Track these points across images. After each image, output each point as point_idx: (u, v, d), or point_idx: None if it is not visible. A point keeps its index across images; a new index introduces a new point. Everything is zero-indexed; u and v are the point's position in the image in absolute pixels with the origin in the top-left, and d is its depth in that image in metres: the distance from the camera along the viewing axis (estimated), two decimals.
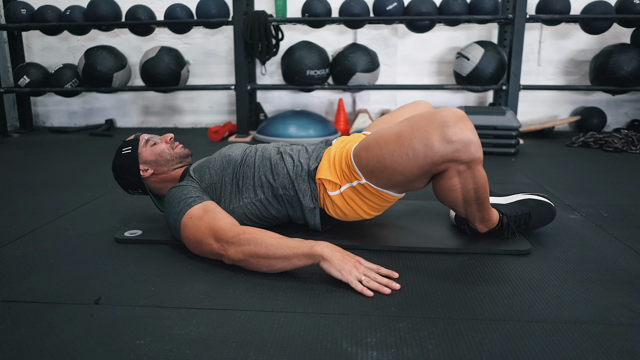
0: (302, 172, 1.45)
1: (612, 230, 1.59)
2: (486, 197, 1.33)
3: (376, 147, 1.28)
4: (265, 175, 1.47)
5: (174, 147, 1.61)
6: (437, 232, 1.55)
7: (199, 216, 1.35)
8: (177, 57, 3.67)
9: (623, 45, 3.45)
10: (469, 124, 1.21)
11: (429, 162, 1.21)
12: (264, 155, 1.51)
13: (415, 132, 1.21)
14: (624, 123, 3.94)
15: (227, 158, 1.54)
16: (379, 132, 1.31)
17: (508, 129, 2.86)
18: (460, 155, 1.19)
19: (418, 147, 1.20)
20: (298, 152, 1.52)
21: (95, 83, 3.65)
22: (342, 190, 1.40)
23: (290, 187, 1.46)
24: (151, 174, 1.57)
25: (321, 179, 1.42)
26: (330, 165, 1.42)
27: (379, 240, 1.48)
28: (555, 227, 1.62)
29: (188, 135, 3.84)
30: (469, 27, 3.88)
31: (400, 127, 1.26)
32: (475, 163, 1.22)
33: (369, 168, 1.32)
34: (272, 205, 1.48)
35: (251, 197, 1.48)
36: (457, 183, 1.26)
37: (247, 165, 1.50)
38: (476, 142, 1.20)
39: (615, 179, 2.31)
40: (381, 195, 1.38)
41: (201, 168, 1.55)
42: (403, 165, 1.24)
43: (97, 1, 3.57)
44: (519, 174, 2.45)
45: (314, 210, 1.46)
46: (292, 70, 3.51)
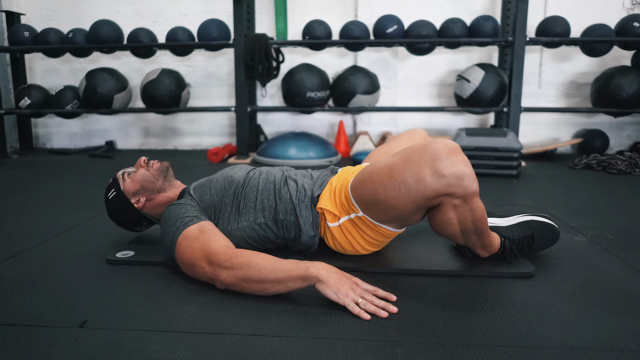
0: (305, 198, 1.42)
1: (618, 253, 1.54)
2: (485, 227, 1.29)
3: (370, 181, 1.26)
4: (267, 198, 1.44)
5: (152, 165, 1.59)
6: (437, 254, 1.50)
7: (194, 237, 1.31)
8: (177, 79, 3.68)
9: (624, 67, 3.45)
10: (462, 157, 1.17)
11: (422, 196, 1.17)
12: (268, 179, 1.49)
13: (407, 166, 1.18)
14: (627, 145, 3.91)
15: (229, 179, 1.51)
16: (373, 165, 1.28)
17: (509, 151, 2.83)
18: (453, 190, 1.15)
19: (410, 182, 1.17)
20: (303, 178, 1.50)
21: (96, 105, 3.65)
22: (341, 223, 1.38)
23: (291, 213, 1.42)
24: (145, 201, 1.55)
25: (322, 208, 1.39)
26: (331, 195, 1.40)
27: (377, 262, 1.44)
28: (559, 249, 1.57)
29: (188, 157, 3.82)
30: (469, 49, 3.89)
31: (392, 160, 1.23)
32: (470, 197, 1.18)
33: (364, 201, 1.29)
34: (270, 230, 1.45)
35: (250, 220, 1.44)
36: (453, 217, 1.22)
37: (250, 187, 1.47)
38: (469, 175, 1.15)
39: (620, 201, 2.27)
40: (378, 230, 1.36)
41: (202, 187, 1.52)
42: (396, 199, 1.21)
43: (99, 24, 3.60)
44: (521, 195, 2.41)
45: (313, 238, 1.43)
46: (292, 92, 3.51)
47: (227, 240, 1.32)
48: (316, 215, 1.41)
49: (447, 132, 3.99)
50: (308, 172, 1.54)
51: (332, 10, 3.91)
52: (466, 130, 2.95)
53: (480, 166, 2.86)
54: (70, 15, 4.12)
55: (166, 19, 4.05)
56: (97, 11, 4.08)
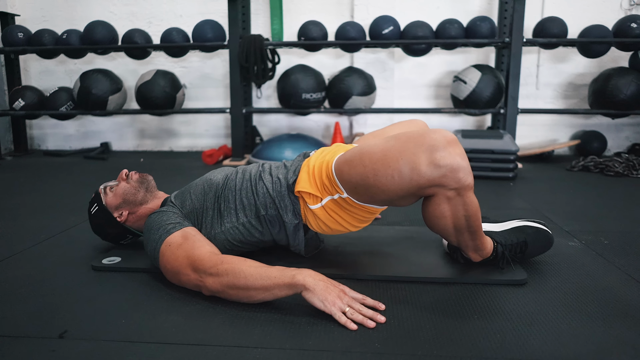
0: (282, 188, 1.38)
1: (612, 259, 1.52)
2: (478, 225, 1.26)
3: (360, 164, 1.21)
4: (246, 197, 1.41)
5: (131, 177, 1.56)
6: (429, 260, 1.48)
7: (178, 244, 1.29)
8: (172, 80, 3.65)
9: (622, 69, 3.42)
10: (459, 149, 1.15)
11: (415, 185, 1.15)
12: (244, 177, 1.46)
13: (403, 154, 1.15)
14: (625, 147, 3.89)
15: (208, 182, 1.48)
16: (365, 148, 1.24)
17: (506, 153, 2.80)
18: (447, 181, 1.13)
19: (404, 170, 1.14)
20: (277, 169, 1.45)
21: (90, 106, 3.63)
22: (324, 203, 1.32)
23: (271, 206, 1.39)
24: (128, 214, 1.53)
25: (300, 191, 1.34)
26: (309, 177, 1.34)
27: (366, 268, 1.41)
28: (553, 255, 1.54)
29: (184, 159, 3.80)
30: (466, 50, 3.86)
31: (387, 145, 1.20)
32: (464, 190, 1.16)
33: (351, 184, 1.25)
34: (255, 228, 1.42)
35: (233, 221, 1.41)
36: (446, 210, 1.20)
37: (229, 188, 1.45)
38: (465, 168, 1.14)
39: (616, 204, 2.24)
40: (364, 209, 1.32)
41: (182, 194, 1.50)
42: (387, 186, 1.18)
43: (93, 25, 3.57)
44: (517, 198, 2.38)
45: (297, 228, 1.39)
46: (287, 93, 3.48)
47: (211, 246, 1.30)
48: (296, 203, 1.37)
49: None
50: (282, 163, 1.50)
51: (329, 11, 3.88)
52: (462, 132, 2.93)
53: (476, 168, 2.83)
54: (65, 16, 4.10)
55: (161, 19, 4.02)
56: (92, 12, 4.05)
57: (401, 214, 2.05)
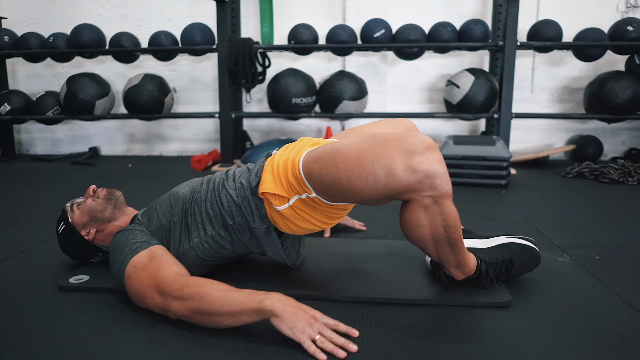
0: (246, 192, 1.30)
1: (603, 277, 1.45)
2: (458, 238, 1.20)
3: (332, 165, 1.14)
4: (211, 207, 1.34)
5: (98, 194, 1.50)
6: (410, 279, 1.41)
7: (143, 265, 1.22)
8: (160, 84, 3.59)
9: (617, 72, 3.36)
10: (438, 155, 1.09)
11: (390, 189, 1.08)
12: (209, 187, 1.39)
13: (378, 156, 1.09)
14: (622, 152, 3.82)
15: (175, 197, 1.42)
16: (338, 148, 1.16)
17: (498, 160, 2.74)
18: (423, 188, 1.07)
19: (379, 173, 1.08)
20: (241, 174, 1.37)
21: (77, 111, 3.57)
22: (292, 203, 1.24)
23: (237, 214, 1.31)
24: (95, 232, 1.46)
25: (265, 193, 1.25)
26: (274, 176, 1.25)
27: (343, 289, 1.34)
28: (541, 272, 1.48)
29: (173, 163, 3.74)
30: (460, 54, 3.80)
31: (362, 146, 1.12)
32: (442, 198, 1.10)
33: (321, 185, 1.17)
34: (224, 239, 1.35)
35: (201, 235, 1.35)
36: (423, 219, 1.14)
37: (195, 201, 1.38)
38: (443, 175, 1.08)
39: (610, 214, 2.18)
40: (335, 207, 1.25)
41: (149, 210, 1.43)
42: (361, 189, 1.11)
43: (80, 28, 3.51)
44: (509, 208, 2.32)
45: (268, 233, 1.32)
46: (277, 98, 3.42)
47: (179, 267, 1.23)
48: (261, 206, 1.29)
49: (438, 138, 3.90)
50: (246, 166, 1.42)
51: (320, 14, 3.82)
52: (454, 138, 2.87)
53: (468, 175, 2.77)
54: (53, 19, 4.04)
55: (150, 22, 3.96)
56: (80, 15, 3.99)
57: (387, 227, 1.99)
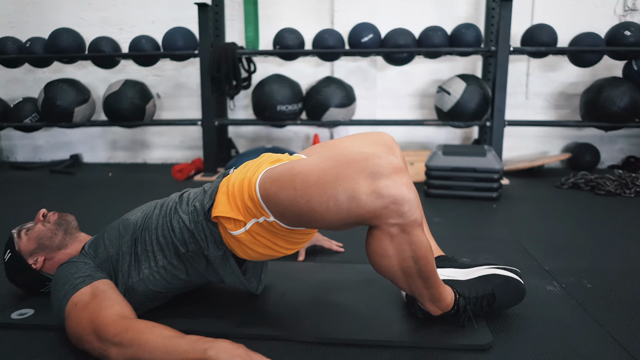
0: (199, 216, 1.18)
1: (594, 312, 1.33)
2: (431, 271, 1.08)
3: (290, 187, 1.02)
4: (163, 235, 1.22)
5: (49, 219, 1.37)
6: (383, 314, 1.29)
7: (84, 304, 1.11)
8: (142, 90, 3.47)
9: (614, 79, 3.23)
10: (407, 179, 0.98)
11: (353, 215, 0.97)
12: (161, 212, 1.26)
13: (340, 179, 0.98)
14: (619, 159, 3.70)
15: (124, 223, 1.29)
16: (297, 167, 1.05)
17: (489, 172, 2.62)
18: (389, 214, 0.96)
19: (341, 198, 0.97)
20: (195, 196, 1.25)
21: (55, 118, 3.45)
22: (248, 228, 1.11)
23: (190, 241, 1.19)
24: (43, 261, 1.33)
25: (218, 217, 1.13)
26: (229, 198, 1.13)
27: (308, 327, 1.22)
28: (528, 304, 1.36)
29: (156, 172, 3.62)
30: (452, 59, 3.68)
31: (323, 167, 1.01)
32: (410, 226, 0.99)
33: (279, 208, 1.05)
34: (178, 269, 1.23)
35: (152, 266, 1.22)
36: (390, 249, 1.02)
37: (147, 228, 1.25)
38: (412, 201, 0.97)
39: (605, 232, 2.05)
40: (296, 232, 1.13)
41: (97, 240, 1.30)
42: (321, 214, 1.00)
43: (58, 33, 3.39)
44: (498, 225, 2.19)
45: (225, 260, 1.20)
46: (262, 105, 3.30)
47: (122, 306, 1.12)
48: (215, 231, 1.16)
49: (429, 146, 3.78)
50: (202, 187, 1.29)
51: (308, 17, 3.70)
52: (443, 148, 2.74)
53: (457, 188, 2.65)
54: (33, 22, 3.92)
55: (133, 26, 3.84)
56: (61, 18, 3.87)
57: None
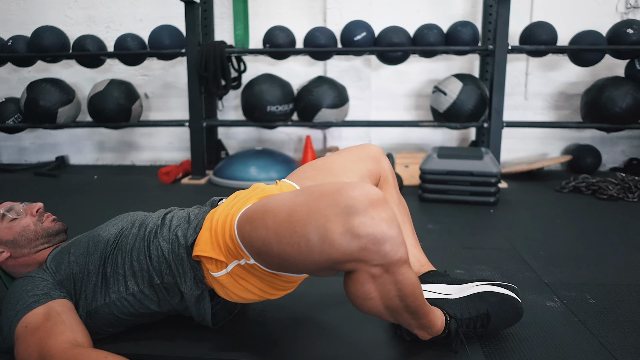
0: (180, 249, 1.09)
1: (598, 331, 1.22)
2: (420, 304, 0.97)
3: (262, 226, 0.92)
4: (137, 260, 1.11)
5: (43, 220, 1.24)
6: (368, 335, 1.18)
7: (35, 327, 1.00)
8: (128, 90, 3.35)
9: (616, 78, 3.12)
10: (386, 212, 0.85)
11: (327, 259, 0.85)
12: (139, 234, 1.16)
13: (311, 216, 0.85)
14: (621, 162, 3.59)
15: (95, 239, 1.17)
16: (269, 203, 0.94)
17: (486, 175, 2.51)
18: (369, 256, 0.83)
19: (313, 239, 0.84)
20: (179, 223, 1.15)
21: (38, 119, 3.33)
22: (230, 270, 1.02)
23: (167, 272, 1.09)
24: (7, 257, 1.19)
25: (200, 256, 1.04)
26: (211, 235, 1.04)
27: (283, 350, 1.11)
28: (526, 323, 1.25)
29: (144, 175, 3.50)
30: (448, 58, 3.57)
31: (295, 202, 0.90)
32: (394, 266, 0.86)
33: (254, 249, 0.95)
34: (149, 299, 1.12)
35: (121, 291, 1.12)
36: (372, 291, 0.90)
37: (120, 248, 1.14)
38: (394, 238, 0.84)
39: (608, 240, 1.94)
40: (279, 277, 1.03)
41: (61, 253, 1.18)
42: (294, 256, 0.88)
43: (41, 30, 3.27)
44: (495, 232, 2.08)
45: (200, 299, 1.10)
46: (252, 105, 3.18)
47: (76, 332, 1.00)
48: (197, 269, 1.07)
49: (425, 148, 3.67)
50: (187, 213, 1.19)
51: (300, 15, 3.59)
52: (438, 150, 2.63)
53: (453, 192, 2.54)
54: (17, 20, 3.80)
55: (120, 24, 3.72)
56: (46, 16, 3.75)
57: None
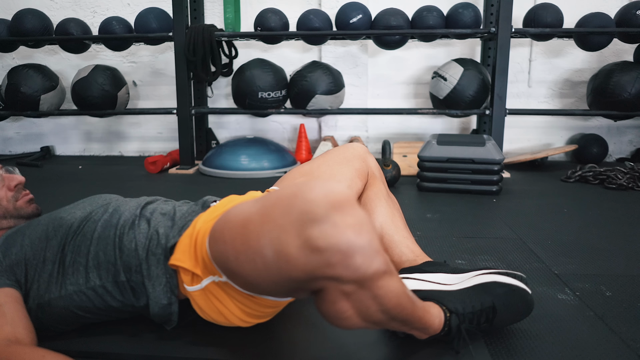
0: (158, 248, 0.96)
1: (618, 327, 1.08)
2: (409, 313, 0.81)
3: (220, 239, 0.79)
4: (104, 250, 0.98)
5: (19, 198, 1.12)
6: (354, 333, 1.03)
7: None
8: (113, 77, 3.21)
9: (625, 63, 2.98)
10: (353, 215, 0.67)
11: (286, 278, 0.69)
12: (111, 221, 1.02)
13: (265, 227, 0.70)
14: (628, 152, 3.45)
15: (57, 222, 1.03)
16: (230, 212, 0.81)
17: (489, 163, 2.36)
18: (337, 272, 0.66)
19: (267, 254, 0.69)
20: (161, 217, 1.02)
21: (20, 106, 3.18)
22: (204, 286, 0.91)
23: (136, 270, 0.96)
24: None
25: (175, 264, 0.93)
26: (191, 243, 0.93)
27: (257, 347, 0.97)
28: (536, 318, 1.11)
29: (130, 165, 3.36)
30: (448, 43, 3.42)
31: (250, 211, 0.76)
32: (370, 281, 0.69)
33: (220, 265, 0.83)
34: (111, 296, 0.98)
35: (80, 283, 0.97)
36: (347, 309, 0.72)
37: (84, 234, 1.00)
38: (364, 248, 0.66)
39: (621, 230, 1.80)
40: (254, 300, 0.90)
41: (14, 235, 1.04)
42: (253, 275, 0.74)
43: (22, 14, 3.13)
44: (498, 221, 1.94)
45: (168, 308, 0.97)
46: (242, 92, 3.04)
47: (16, 327, 0.87)
48: (172, 276, 0.95)
49: (424, 137, 3.52)
50: (172, 207, 1.07)
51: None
52: (438, 137, 2.49)
53: (453, 180, 2.40)
54: (0, 4, 3.65)
55: (107, 8, 3.57)
56: (30, 0, 3.60)
57: None
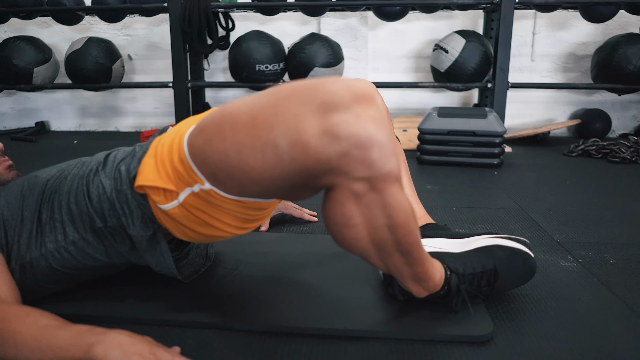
0: (123, 184, 0.89)
1: (622, 292, 1.05)
2: (413, 243, 0.78)
3: (217, 136, 0.74)
4: (76, 202, 0.93)
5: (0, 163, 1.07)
6: (354, 295, 1.01)
7: None
8: (108, 49, 3.15)
9: (631, 35, 2.91)
10: (374, 110, 0.66)
11: (299, 169, 0.67)
12: (79, 172, 0.97)
13: (280, 117, 0.67)
14: (632, 127, 3.40)
15: (32, 181, 0.99)
16: (228, 108, 0.76)
17: (490, 135, 2.32)
18: (351, 164, 0.65)
19: (281, 143, 0.67)
20: (123, 156, 0.95)
21: (13, 79, 3.13)
22: (182, 200, 0.83)
23: (110, 214, 0.90)
24: None
25: (143, 186, 0.85)
26: (156, 161, 0.85)
27: (254, 312, 0.94)
28: (538, 283, 1.08)
29: (126, 140, 3.31)
30: (450, 15, 3.34)
31: (259, 104, 0.71)
32: (382, 181, 0.68)
33: (210, 169, 0.77)
34: (94, 248, 0.94)
35: (58, 239, 0.93)
36: (355, 215, 0.71)
37: (57, 190, 0.96)
38: (383, 144, 0.65)
39: (625, 201, 1.77)
40: (242, 204, 0.82)
41: None
42: (258, 170, 0.70)
43: None
44: (500, 193, 1.91)
45: (153, 241, 0.91)
46: (239, 64, 2.98)
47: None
48: (145, 205, 0.88)
49: (424, 112, 3.47)
50: (135, 146, 0.99)
51: None
52: (439, 110, 2.44)
53: (454, 153, 2.35)
54: None
55: None
56: None
57: None
